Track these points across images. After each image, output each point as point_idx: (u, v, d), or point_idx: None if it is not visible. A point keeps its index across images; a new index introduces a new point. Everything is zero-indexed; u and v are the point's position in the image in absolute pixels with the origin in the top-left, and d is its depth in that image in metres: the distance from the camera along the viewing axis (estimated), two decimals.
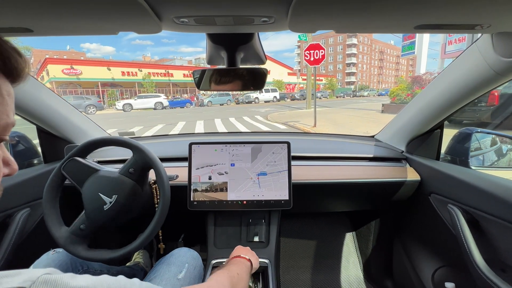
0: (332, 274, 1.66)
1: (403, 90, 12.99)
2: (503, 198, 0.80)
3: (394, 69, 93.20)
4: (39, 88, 1.05)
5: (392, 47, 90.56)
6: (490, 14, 0.51)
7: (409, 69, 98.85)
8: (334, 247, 1.77)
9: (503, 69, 0.74)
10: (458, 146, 1.14)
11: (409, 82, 13.80)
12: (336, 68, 76.69)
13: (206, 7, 0.49)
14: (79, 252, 0.86)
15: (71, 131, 1.24)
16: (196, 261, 0.96)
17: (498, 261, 0.83)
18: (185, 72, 33.23)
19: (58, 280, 0.31)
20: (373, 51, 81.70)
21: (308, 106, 15.22)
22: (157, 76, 30.56)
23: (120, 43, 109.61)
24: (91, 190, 0.89)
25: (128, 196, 0.89)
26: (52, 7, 0.45)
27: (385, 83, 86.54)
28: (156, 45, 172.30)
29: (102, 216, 0.87)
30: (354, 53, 73.93)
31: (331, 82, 43.01)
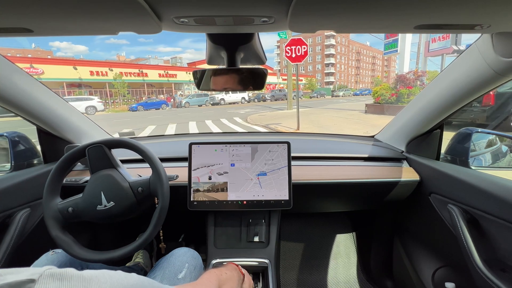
0: (332, 274, 1.66)
1: (387, 90, 12.52)
2: (503, 198, 0.80)
3: (370, 69, 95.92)
4: (39, 88, 1.05)
5: (368, 48, 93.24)
6: (490, 14, 0.51)
7: (384, 69, 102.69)
8: (334, 247, 1.78)
9: (503, 69, 0.74)
10: (458, 146, 1.14)
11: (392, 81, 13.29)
12: (315, 68, 77.91)
13: (206, 7, 0.49)
14: (77, 252, 0.86)
15: (71, 131, 1.24)
16: (196, 261, 0.96)
17: (498, 261, 0.84)
18: (161, 72, 31.89)
19: (63, 271, 0.32)
20: (350, 52, 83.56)
21: (289, 107, 14.91)
22: (130, 76, 28.98)
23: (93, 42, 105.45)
24: (96, 184, 0.92)
25: (123, 209, 0.92)
26: (52, 8, 0.45)
27: (362, 83, 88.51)
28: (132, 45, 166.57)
29: (93, 213, 0.89)
30: (333, 53, 75.21)
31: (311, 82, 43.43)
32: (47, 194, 0.90)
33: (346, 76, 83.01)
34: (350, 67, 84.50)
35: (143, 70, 30.64)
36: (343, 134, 1.65)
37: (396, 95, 11.87)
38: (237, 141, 1.14)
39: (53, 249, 0.88)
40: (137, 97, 29.65)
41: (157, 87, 32.79)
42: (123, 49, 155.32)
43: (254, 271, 1.09)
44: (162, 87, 32.90)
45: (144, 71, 30.66)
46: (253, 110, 17.40)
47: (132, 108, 21.52)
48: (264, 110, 17.11)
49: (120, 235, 1.52)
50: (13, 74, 0.94)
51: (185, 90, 34.50)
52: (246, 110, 17.08)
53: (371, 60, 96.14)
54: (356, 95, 41.17)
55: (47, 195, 0.90)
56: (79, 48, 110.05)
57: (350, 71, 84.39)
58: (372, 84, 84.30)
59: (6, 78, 0.91)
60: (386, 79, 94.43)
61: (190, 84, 33.14)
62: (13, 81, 0.94)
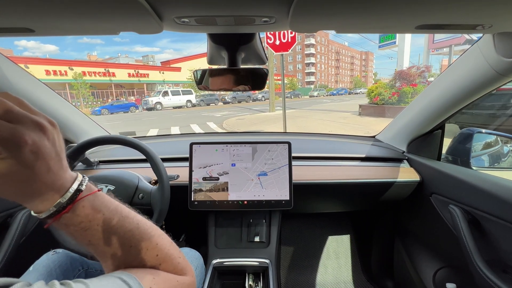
0: (333, 274, 1.66)
1: (385, 88, 10.92)
2: (505, 198, 0.80)
3: (349, 69, 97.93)
4: (38, 87, 1.05)
5: (347, 48, 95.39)
6: (492, 14, 0.51)
7: (362, 69, 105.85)
8: (335, 247, 1.77)
9: (504, 70, 0.74)
10: (459, 146, 1.14)
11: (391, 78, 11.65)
12: (295, 68, 78.62)
13: (207, 7, 0.49)
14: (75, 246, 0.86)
15: (72, 131, 1.24)
16: (197, 261, 0.96)
17: (499, 262, 0.84)
18: (131, 71, 29.16)
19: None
20: (330, 52, 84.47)
21: (271, 109, 13.48)
22: (94, 76, 26.15)
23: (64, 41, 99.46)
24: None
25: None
26: (53, 8, 0.45)
27: (342, 83, 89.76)
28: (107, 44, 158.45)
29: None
30: (313, 53, 76.36)
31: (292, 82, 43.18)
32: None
33: (326, 75, 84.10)
34: (330, 66, 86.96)
35: (109, 69, 27.71)
36: (344, 134, 1.65)
37: (397, 94, 10.49)
38: (238, 141, 1.14)
39: (54, 249, 0.88)
40: (103, 99, 27.29)
41: (128, 87, 30.34)
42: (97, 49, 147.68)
43: (255, 271, 1.09)
44: (133, 88, 30.53)
45: (111, 71, 27.70)
46: (231, 112, 15.79)
47: (94, 111, 19.01)
48: (243, 112, 15.55)
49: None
50: (12, 73, 0.94)
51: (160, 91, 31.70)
52: (223, 113, 15.47)
53: (350, 60, 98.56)
54: (333, 94, 40.54)
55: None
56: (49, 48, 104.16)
57: (330, 70, 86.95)
58: (351, 84, 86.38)
59: (5, 78, 0.91)
60: (364, 79, 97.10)
61: (164, 85, 31.35)
62: (12, 81, 0.93)
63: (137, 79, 30.06)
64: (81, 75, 23.94)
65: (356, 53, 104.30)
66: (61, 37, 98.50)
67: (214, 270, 1.06)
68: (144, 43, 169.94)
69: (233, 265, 1.08)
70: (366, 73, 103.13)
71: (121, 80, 28.79)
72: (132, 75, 29.30)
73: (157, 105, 20.54)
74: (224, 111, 17.12)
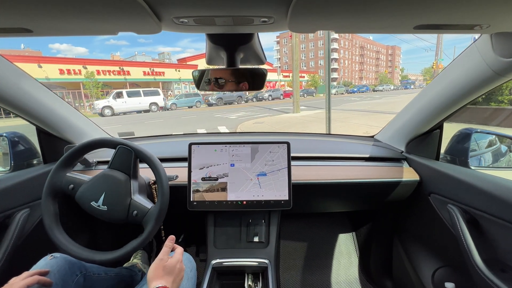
0: (332, 274, 1.66)
1: None
2: (503, 198, 0.80)
3: (374, 65, 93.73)
4: (38, 88, 1.05)
5: (372, 43, 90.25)
6: (490, 14, 0.51)
7: (388, 65, 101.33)
8: (334, 247, 1.78)
9: (502, 69, 0.74)
10: (457, 146, 1.15)
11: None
12: (317, 64, 72.05)
13: (206, 8, 0.49)
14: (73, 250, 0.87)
15: (71, 132, 1.24)
16: (191, 264, 0.98)
17: (497, 261, 0.84)
18: (146, 70, 27.84)
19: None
20: (354, 47, 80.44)
21: (296, 109, 11.83)
22: (109, 75, 24.97)
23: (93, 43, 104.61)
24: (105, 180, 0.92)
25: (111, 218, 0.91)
26: (51, 8, 0.45)
27: (366, 79, 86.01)
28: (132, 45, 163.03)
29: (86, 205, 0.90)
30: (336, 48, 70.44)
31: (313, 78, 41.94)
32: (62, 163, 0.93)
33: (350, 72, 79.77)
34: (354, 62, 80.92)
35: (124, 68, 26.50)
36: (342, 134, 1.65)
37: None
38: (237, 141, 1.14)
39: (51, 254, 0.88)
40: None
41: (143, 86, 26.29)
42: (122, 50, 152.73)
43: (254, 271, 1.09)
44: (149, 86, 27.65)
45: (125, 69, 26.49)
46: (248, 113, 13.61)
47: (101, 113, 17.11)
48: (262, 113, 13.46)
49: (119, 236, 1.52)
50: (13, 74, 0.94)
51: (174, 89, 30.44)
52: (238, 114, 13.35)
53: (375, 55, 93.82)
54: (353, 92, 37.39)
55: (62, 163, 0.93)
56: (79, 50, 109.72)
57: (354, 66, 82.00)
58: (376, 80, 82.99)
59: (6, 79, 0.92)
60: (390, 75, 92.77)
61: (180, 83, 30.22)
62: (13, 82, 0.94)
63: (152, 78, 28.62)
64: (93, 74, 22.86)
65: (381, 48, 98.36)
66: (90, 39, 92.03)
67: (213, 270, 1.06)
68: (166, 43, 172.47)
69: (232, 265, 1.08)
70: (397, 68, 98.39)
71: (136, 79, 27.38)
72: (147, 74, 28.08)
73: (105, 110, 16.21)
74: (239, 111, 15.09)
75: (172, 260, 0.76)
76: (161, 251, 0.77)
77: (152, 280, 0.70)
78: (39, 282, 0.73)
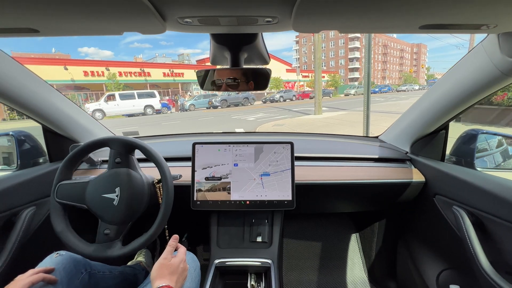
0: (335, 275, 1.65)
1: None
2: (509, 199, 0.79)
3: (398, 63, 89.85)
4: (45, 87, 1.06)
5: (395, 41, 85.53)
6: (497, 14, 0.50)
7: (413, 63, 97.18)
8: (338, 248, 1.77)
9: (509, 70, 0.73)
10: (463, 147, 1.13)
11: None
12: (338, 63, 70.91)
13: (210, 8, 0.49)
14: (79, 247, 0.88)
15: (77, 131, 1.25)
16: (195, 264, 0.99)
17: (504, 264, 0.83)
18: (166, 71, 28.59)
19: None
20: (376, 45, 76.78)
21: (318, 111, 11.44)
22: (130, 76, 25.86)
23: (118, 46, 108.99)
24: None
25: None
26: (57, 8, 0.46)
27: (390, 79, 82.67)
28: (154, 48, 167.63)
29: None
30: (357, 47, 66.68)
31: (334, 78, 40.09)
32: (81, 248, 0.90)
33: (372, 71, 78.26)
34: (376, 61, 76.43)
35: (144, 69, 27.38)
36: (346, 134, 1.64)
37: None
38: (241, 141, 1.14)
39: (57, 251, 0.89)
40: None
41: (163, 87, 29.33)
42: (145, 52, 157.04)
43: (257, 271, 1.09)
44: (168, 88, 29.64)
45: (146, 70, 27.36)
46: (267, 115, 13.34)
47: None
48: (281, 114, 12.99)
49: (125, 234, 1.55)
50: (20, 74, 0.95)
51: (193, 90, 30.67)
52: (257, 116, 13.07)
53: (399, 54, 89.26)
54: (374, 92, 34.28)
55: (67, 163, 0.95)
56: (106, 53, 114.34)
57: (376, 66, 78.74)
58: (400, 80, 79.89)
59: (13, 79, 0.93)
60: (415, 74, 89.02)
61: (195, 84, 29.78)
62: (20, 81, 0.95)
63: (171, 79, 29.32)
64: (115, 75, 23.44)
65: (406, 46, 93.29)
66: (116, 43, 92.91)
67: (216, 269, 1.06)
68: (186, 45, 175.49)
69: (235, 265, 1.08)
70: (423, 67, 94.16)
71: (156, 80, 28.24)
72: (167, 75, 28.73)
73: (95, 114, 15.83)
74: (258, 112, 14.80)
75: (176, 260, 0.77)
76: (165, 250, 0.78)
77: (156, 279, 0.70)
78: (44, 279, 0.74)
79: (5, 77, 0.90)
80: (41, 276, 0.73)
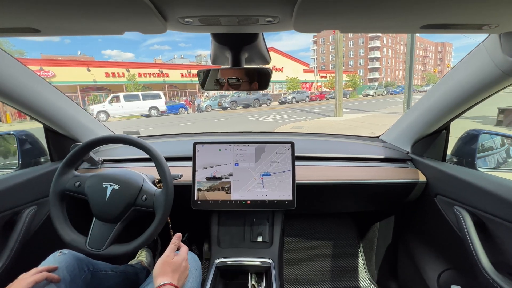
0: (336, 275, 1.65)
1: None
2: (511, 200, 0.78)
3: (421, 63, 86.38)
4: (46, 87, 1.07)
5: (418, 39, 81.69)
6: (498, 13, 0.50)
7: (437, 63, 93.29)
8: (338, 248, 1.77)
9: (511, 70, 0.72)
10: (464, 147, 1.12)
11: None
12: (357, 63, 68.15)
13: (211, 7, 0.49)
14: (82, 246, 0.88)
15: (78, 130, 1.26)
16: (196, 264, 0.99)
17: (505, 265, 0.82)
18: (183, 72, 28.56)
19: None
20: (398, 44, 71.87)
21: (338, 112, 11.12)
22: (149, 77, 26.08)
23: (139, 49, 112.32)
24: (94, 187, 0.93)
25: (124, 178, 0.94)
26: (59, 8, 0.46)
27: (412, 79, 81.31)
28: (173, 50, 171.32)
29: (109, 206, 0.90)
30: (378, 46, 64.68)
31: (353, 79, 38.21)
32: (67, 161, 0.94)
33: (393, 71, 72.64)
34: (398, 61, 73.33)
35: (163, 70, 27.42)
36: (348, 134, 1.63)
37: None
38: (242, 141, 1.14)
39: (60, 250, 0.89)
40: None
41: (181, 88, 29.39)
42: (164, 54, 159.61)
43: (257, 271, 1.09)
44: (186, 88, 29.40)
45: (164, 71, 27.40)
46: (284, 116, 12.83)
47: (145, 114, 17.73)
48: (300, 116, 12.49)
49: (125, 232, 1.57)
50: (22, 74, 0.95)
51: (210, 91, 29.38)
52: (275, 117, 12.65)
53: (422, 53, 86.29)
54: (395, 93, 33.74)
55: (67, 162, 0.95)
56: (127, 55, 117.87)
57: (398, 65, 76.16)
58: (422, 80, 76.84)
59: (15, 78, 0.93)
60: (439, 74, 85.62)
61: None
62: (21, 81, 0.95)
63: (189, 80, 29.06)
64: (134, 76, 23.71)
65: (430, 45, 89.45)
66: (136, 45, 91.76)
67: (217, 269, 1.06)
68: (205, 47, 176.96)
69: (235, 264, 1.08)
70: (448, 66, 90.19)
71: (174, 81, 28.27)
72: (184, 76, 28.62)
73: (100, 115, 15.79)
74: (275, 114, 14.28)
75: (178, 258, 0.77)
76: (168, 248, 0.78)
77: (158, 276, 0.71)
78: (47, 278, 0.75)
79: (7, 76, 0.91)
80: (44, 275, 0.74)
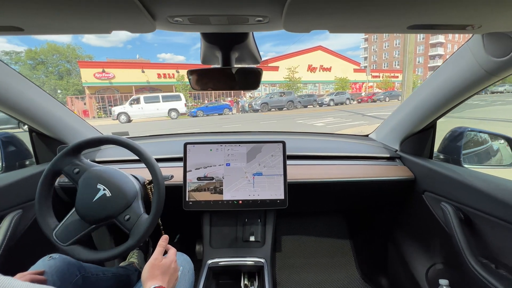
0: (328, 273, 1.67)
1: None
2: (495, 195, 0.81)
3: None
4: (30, 87, 1.03)
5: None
6: (481, 14, 0.51)
7: None
8: (330, 246, 1.78)
9: (493, 69, 0.75)
10: (450, 144, 1.15)
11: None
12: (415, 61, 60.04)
13: (200, 7, 0.49)
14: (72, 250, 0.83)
15: (64, 131, 1.22)
16: (189, 265, 0.98)
17: (490, 258, 0.85)
18: None
19: None
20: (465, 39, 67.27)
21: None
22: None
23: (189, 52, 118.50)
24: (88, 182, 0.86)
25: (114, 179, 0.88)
26: (43, 6, 0.45)
27: None
28: None
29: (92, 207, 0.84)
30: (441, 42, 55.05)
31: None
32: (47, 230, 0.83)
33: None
34: None
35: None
36: (337, 133, 1.64)
37: None
38: (233, 141, 1.14)
39: (50, 254, 0.86)
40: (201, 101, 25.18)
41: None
42: None
43: (250, 271, 1.09)
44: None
45: None
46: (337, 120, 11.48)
47: (191, 113, 17.80)
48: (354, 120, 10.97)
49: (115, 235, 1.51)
50: (6, 74, 0.93)
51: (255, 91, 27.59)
52: (327, 121, 11.27)
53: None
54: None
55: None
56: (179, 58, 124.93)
57: None
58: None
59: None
60: None
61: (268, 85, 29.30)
62: (5, 81, 0.92)
63: None
64: (183, 77, 23.42)
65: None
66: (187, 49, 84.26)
67: (209, 270, 1.06)
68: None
69: (228, 265, 1.08)
70: None
71: None
72: None
73: (120, 117, 15.68)
74: (327, 117, 12.64)
75: (167, 260, 0.76)
76: (155, 251, 0.77)
77: (148, 280, 0.69)
78: (32, 280, 0.72)
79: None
80: (28, 278, 0.72)
